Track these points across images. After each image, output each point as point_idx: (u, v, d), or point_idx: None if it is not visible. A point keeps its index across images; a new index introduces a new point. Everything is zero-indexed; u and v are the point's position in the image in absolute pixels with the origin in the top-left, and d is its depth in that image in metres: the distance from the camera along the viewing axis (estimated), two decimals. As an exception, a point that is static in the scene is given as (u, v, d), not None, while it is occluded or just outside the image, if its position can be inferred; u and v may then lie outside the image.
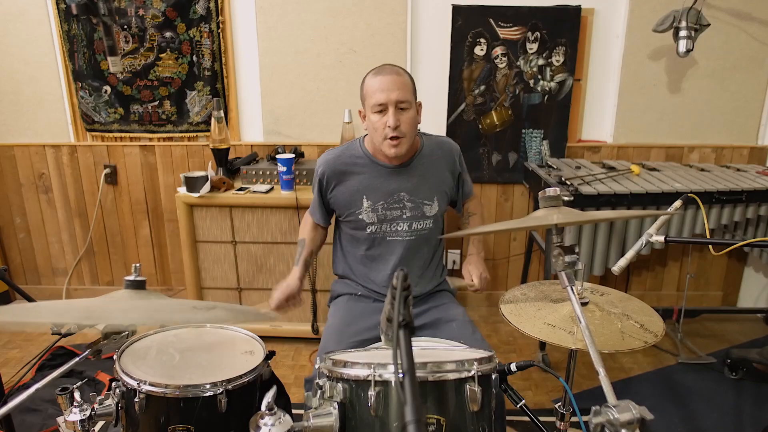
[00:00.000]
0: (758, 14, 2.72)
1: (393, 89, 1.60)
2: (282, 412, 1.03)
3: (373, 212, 1.73)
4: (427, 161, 1.77)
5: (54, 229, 3.16)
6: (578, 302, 1.09)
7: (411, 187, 1.73)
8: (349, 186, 1.75)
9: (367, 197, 1.73)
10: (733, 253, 3.06)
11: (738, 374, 2.46)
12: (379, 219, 1.74)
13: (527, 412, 1.30)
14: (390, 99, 1.60)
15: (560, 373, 1.42)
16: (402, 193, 1.73)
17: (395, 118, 1.60)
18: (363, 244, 1.80)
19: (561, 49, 2.77)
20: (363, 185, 1.74)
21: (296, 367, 2.58)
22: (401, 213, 1.74)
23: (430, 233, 1.79)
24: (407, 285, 0.86)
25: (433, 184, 1.77)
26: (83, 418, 1.17)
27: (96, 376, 2.36)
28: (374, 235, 1.76)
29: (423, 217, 1.76)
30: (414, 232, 1.76)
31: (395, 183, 1.73)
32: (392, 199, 1.73)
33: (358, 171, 1.75)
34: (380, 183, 1.73)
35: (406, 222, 1.75)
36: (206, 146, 2.94)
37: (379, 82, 1.61)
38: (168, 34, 2.80)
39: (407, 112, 1.63)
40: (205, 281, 2.68)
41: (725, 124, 2.89)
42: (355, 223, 1.77)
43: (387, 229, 1.75)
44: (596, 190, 2.32)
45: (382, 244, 1.77)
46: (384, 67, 1.65)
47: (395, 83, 1.60)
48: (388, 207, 1.73)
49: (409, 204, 1.74)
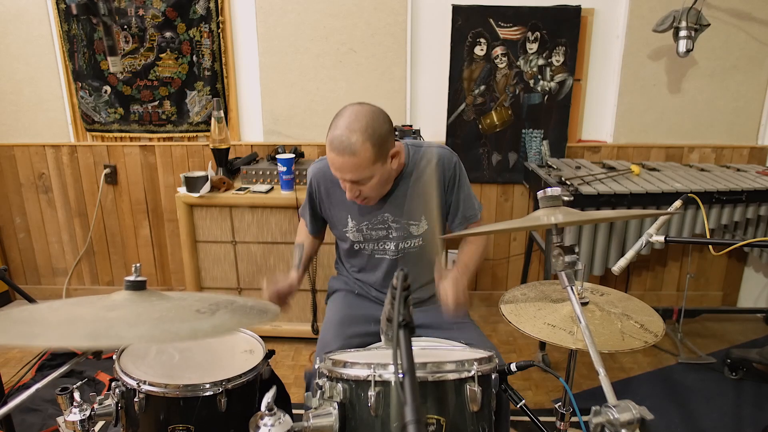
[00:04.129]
0: (758, 14, 2.72)
1: (345, 171, 1.46)
2: (282, 412, 1.03)
3: (358, 232, 1.68)
4: (413, 179, 1.63)
5: (54, 229, 3.16)
6: (578, 302, 1.09)
7: (394, 208, 1.64)
8: (334, 203, 1.70)
9: (351, 217, 1.68)
10: (733, 253, 3.06)
11: (738, 374, 2.46)
12: (365, 238, 1.69)
13: (527, 412, 1.30)
14: (344, 178, 1.49)
15: (560, 373, 1.42)
16: (386, 214, 1.65)
17: (352, 193, 1.52)
18: (353, 257, 1.78)
19: (561, 49, 2.77)
20: (345, 204, 1.66)
21: (296, 367, 2.58)
22: (387, 233, 1.67)
23: (421, 249, 1.70)
24: (407, 285, 0.86)
25: (420, 203, 1.63)
26: (83, 418, 1.17)
27: (96, 376, 2.36)
28: (362, 251, 1.73)
29: (410, 236, 1.67)
30: (401, 251, 1.69)
31: (377, 205, 1.63)
32: (376, 220, 1.66)
33: (341, 191, 1.62)
34: (363, 207, 1.64)
35: (393, 242, 1.68)
36: (206, 146, 2.94)
37: (332, 159, 1.46)
38: (168, 34, 2.80)
39: (369, 181, 1.50)
40: (205, 281, 2.68)
41: (725, 124, 2.89)
42: (343, 239, 1.74)
43: (374, 247, 1.71)
44: (596, 190, 2.32)
45: (372, 260, 1.74)
46: (339, 140, 1.42)
47: (347, 166, 1.44)
48: (372, 227, 1.67)
49: (394, 225, 1.66)
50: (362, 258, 1.76)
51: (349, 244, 1.74)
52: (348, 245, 1.75)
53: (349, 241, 1.72)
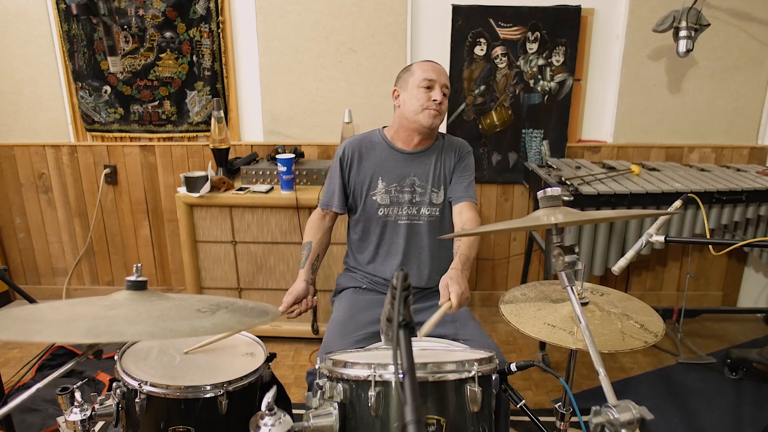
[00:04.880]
0: (758, 14, 2.72)
1: (442, 75, 1.78)
2: (282, 412, 1.03)
3: (386, 193, 1.83)
4: (440, 153, 1.87)
5: (54, 229, 3.16)
6: (578, 302, 1.09)
7: (421, 173, 1.84)
8: (366, 166, 1.85)
9: (382, 178, 1.83)
10: (733, 253, 3.06)
11: (738, 374, 2.46)
12: (391, 201, 1.83)
13: (527, 412, 1.30)
14: (440, 80, 1.77)
15: (560, 373, 1.42)
16: (413, 177, 1.83)
17: (441, 95, 1.76)
18: (374, 231, 1.86)
19: (561, 49, 2.77)
20: (378, 166, 1.84)
21: (296, 368, 2.58)
22: (411, 197, 1.83)
23: (437, 222, 1.85)
24: (407, 285, 0.86)
25: (442, 175, 1.86)
26: (83, 418, 1.17)
27: (96, 376, 2.36)
28: (385, 218, 1.84)
29: (431, 204, 1.84)
30: (422, 217, 1.84)
31: (407, 168, 1.83)
32: (404, 182, 1.83)
33: (375, 154, 1.85)
34: (394, 166, 1.83)
35: (415, 207, 1.84)
36: (206, 146, 2.94)
37: (431, 66, 1.79)
38: (168, 34, 2.80)
39: (445, 98, 1.78)
40: (205, 281, 2.68)
41: (725, 124, 2.89)
42: (369, 206, 1.84)
43: (397, 212, 1.84)
44: (596, 190, 2.32)
45: (393, 229, 1.84)
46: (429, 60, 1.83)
47: (443, 72, 1.80)
48: (400, 190, 1.83)
49: (419, 189, 1.84)
50: (382, 227, 1.85)
51: (372, 214, 1.84)
52: (369, 216, 1.85)
53: (374, 206, 1.83)
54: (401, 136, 1.85)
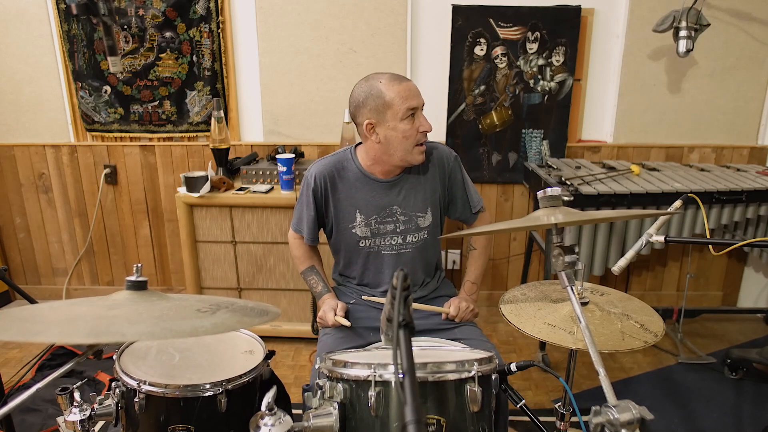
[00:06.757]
0: (758, 14, 2.72)
1: (418, 94, 1.59)
2: (282, 412, 1.03)
3: (366, 226, 1.70)
4: (422, 173, 1.72)
5: (54, 229, 3.16)
6: (578, 302, 1.09)
7: (402, 200, 1.69)
8: (341, 198, 1.70)
9: (360, 211, 1.69)
10: (733, 253, 3.06)
11: (738, 374, 2.46)
12: (372, 233, 1.70)
13: (527, 412, 1.30)
14: (419, 102, 1.59)
15: (560, 373, 1.42)
16: (394, 207, 1.69)
17: (426, 120, 1.60)
18: (356, 262, 1.76)
19: (561, 49, 2.77)
20: (354, 198, 1.69)
21: (296, 367, 2.58)
22: (395, 227, 1.70)
23: (426, 244, 1.75)
24: (407, 285, 0.86)
25: (425, 196, 1.71)
26: (83, 418, 1.17)
27: (96, 376, 2.36)
28: (368, 249, 1.72)
29: (417, 229, 1.71)
30: (409, 245, 1.72)
31: (387, 198, 1.69)
32: (385, 213, 1.69)
33: (349, 184, 1.69)
34: (371, 197, 1.69)
35: (400, 235, 1.71)
36: (206, 146, 2.94)
37: (406, 89, 1.56)
38: (168, 34, 2.80)
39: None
40: (205, 281, 2.68)
41: (725, 124, 2.89)
42: (349, 238, 1.72)
43: (380, 243, 1.71)
44: (596, 190, 2.32)
45: (377, 259, 1.73)
46: (394, 75, 1.60)
47: (418, 90, 1.60)
48: (381, 221, 1.69)
49: (402, 217, 1.70)
50: (365, 258, 1.74)
51: (353, 245, 1.72)
52: (350, 247, 1.73)
53: (353, 241, 1.71)
54: (380, 168, 1.68)
